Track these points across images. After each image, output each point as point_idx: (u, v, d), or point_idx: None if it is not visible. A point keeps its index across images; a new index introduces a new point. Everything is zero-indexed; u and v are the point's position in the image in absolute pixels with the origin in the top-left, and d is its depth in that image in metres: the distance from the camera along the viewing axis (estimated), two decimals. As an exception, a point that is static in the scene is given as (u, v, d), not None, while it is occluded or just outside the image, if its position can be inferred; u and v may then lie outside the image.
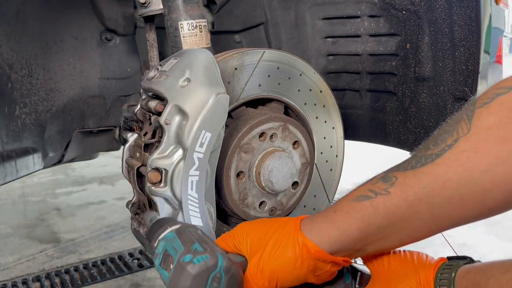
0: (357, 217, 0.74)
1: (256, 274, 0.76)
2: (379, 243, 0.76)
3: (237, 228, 0.83)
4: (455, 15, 1.36)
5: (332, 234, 0.75)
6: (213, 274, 0.67)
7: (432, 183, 0.70)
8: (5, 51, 1.35)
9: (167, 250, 0.72)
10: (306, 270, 0.76)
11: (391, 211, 0.72)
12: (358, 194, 0.77)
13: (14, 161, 1.37)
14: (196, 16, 1.20)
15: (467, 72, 1.38)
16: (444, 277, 0.72)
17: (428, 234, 0.75)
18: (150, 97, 1.03)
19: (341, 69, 1.68)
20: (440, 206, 0.70)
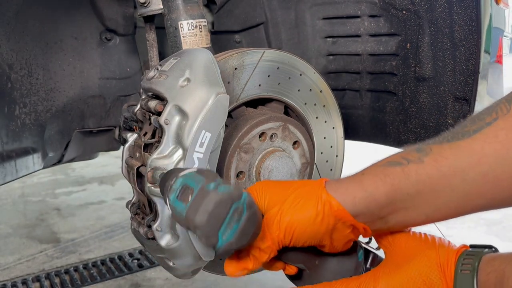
0: (386, 180, 0.71)
1: (272, 224, 0.72)
2: (403, 214, 0.73)
3: (255, 185, 0.79)
4: (455, 15, 1.36)
5: (358, 195, 0.72)
6: (236, 206, 0.64)
7: (468, 156, 0.68)
8: (5, 51, 1.35)
9: (186, 184, 0.67)
10: (326, 228, 0.72)
11: (422, 180, 0.70)
12: (390, 160, 0.74)
13: (14, 161, 1.37)
14: (196, 16, 1.20)
15: (468, 72, 1.38)
16: (467, 262, 0.69)
17: (456, 212, 0.72)
18: (150, 97, 1.03)
19: (341, 69, 1.68)
20: (473, 182, 0.68)
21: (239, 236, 0.65)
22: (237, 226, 0.64)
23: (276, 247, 0.72)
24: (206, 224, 0.63)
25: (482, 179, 0.68)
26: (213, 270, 1.16)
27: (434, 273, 0.70)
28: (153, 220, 0.99)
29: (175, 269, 1.04)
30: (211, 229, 0.63)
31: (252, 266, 0.72)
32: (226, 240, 0.64)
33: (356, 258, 0.81)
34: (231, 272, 0.73)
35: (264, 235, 0.71)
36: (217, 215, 0.63)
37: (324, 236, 0.73)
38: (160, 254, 1.03)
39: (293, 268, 0.81)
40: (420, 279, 0.70)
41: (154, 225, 0.98)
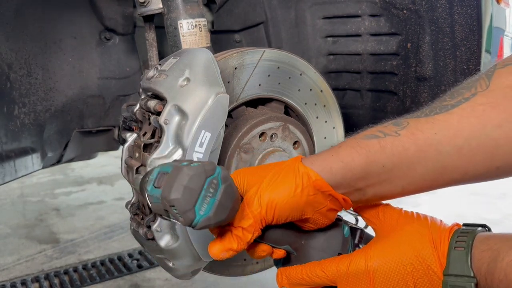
0: (362, 152, 0.72)
1: (253, 203, 0.71)
2: (380, 187, 0.74)
3: (234, 173, 0.80)
4: (456, 15, 1.36)
5: (335, 165, 0.72)
6: (211, 178, 0.63)
7: (444, 130, 0.69)
8: (4, 51, 1.35)
9: (162, 171, 0.66)
10: (306, 199, 0.72)
11: (398, 152, 0.70)
12: (367, 133, 0.75)
13: (13, 161, 1.36)
14: (195, 15, 1.20)
15: (468, 71, 1.37)
16: (460, 239, 0.69)
17: (431, 185, 0.73)
18: (150, 96, 1.02)
19: (342, 68, 1.67)
20: (448, 155, 0.69)
21: (216, 210, 0.64)
22: (213, 200, 0.63)
23: (259, 225, 0.72)
24: (182, 199, 0.62)
25: (457, 153, 0.68)
26: (212, 270, 1.16)
27: (427, 249, 0.70)
28: (152, 220, 0.99)
29: (174, 270, 1.04)
30: (187, 204, 0.62)
31: (237, 247, 0.71)
32: (203, 215, 0.63)
33: (341, 233, 0.81)
34: (216, 253, 0.72)
35: (246, 214, 0.71)
36: (191, 188, 0.62)
37: (306, 208, 0.73)
38: (159, 255, 1.02)
39: (281, 251, 0.80)
40: (412, 254, 0.70)
41: (154, 226, 0.97)
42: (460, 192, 3.69)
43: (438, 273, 0.68)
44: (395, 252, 0.72)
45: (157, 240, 0.98)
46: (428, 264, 0.69)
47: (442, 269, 0.68)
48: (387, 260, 0.71)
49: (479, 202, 3.53)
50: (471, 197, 3.61)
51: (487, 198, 3.60)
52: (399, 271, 0.70)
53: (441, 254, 0.69)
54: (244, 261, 1.21)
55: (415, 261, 0.70)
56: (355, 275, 0.73)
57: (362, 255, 0.74)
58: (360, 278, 0.72)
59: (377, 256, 0.72)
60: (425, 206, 3.45)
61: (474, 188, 3.80)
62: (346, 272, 0.73)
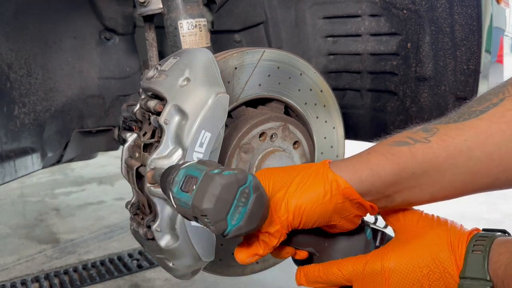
0: (393, 159, 0.71)
1: (280, 208, 0.71)
2: (409, 193, 0.73)
3: (257, 173, 0.79)
4: (456, 14, 1.36)
5: (364, 173, 0.72)
6: (242, 188, 0.63)
7: (474, 136, 0.69)
8: (4, 51, 1.35)
9: (189, 174, 0.66)
10: (334, 206, 0.72)
11: (429, 159, 0.70)
12: (396, 139, 0.74)
13: (13, 161, 1.36)
14: (195, 15, 1.20)
15: (468, 71, 1.37)
16: (478, 243, 0.68)
17: (461, 191, 0.73)
18: (150, 96, 1.02)
19: (342, 68, 1.67)
20: (479, 161, 0.69)
21: (248, 220, 0.64)
22: (245, 210, 0.63)
23: (286, 230, 0.71)
24: (214, 209, 0.61)
25: (488, 159, 0.68)
26: (212, 270, 1.15)
27: (444, 251, 0.70)
28: (152, 220, 0.99)
29: (174, 270, 1.04)
30: (220, 214, 0.62)
31: (263, 252, 0.71)
32: (235, 225, 0.63)
33: (364, 236, 0.81)
34: (242, 259, 0.72)
35: (272, 220, 0.70)
36: (224, 199, 0.62)
37: (333, 215, 0.73)
38: (159, 255, 1.02)
39: (303, 253, 0.80)
40: (429, 257, 0.70)
41: (154, 226, 0.97)
42: (460, 192, 3.68)
43: (455, 276, 0.68)
44: (412, 254, 0.72)
45: (157, 240, 0.98)
46: (445, 267, 0.69)
47: (458, 272, 0.68)
48: (404, 262, 0.71)
49: (479, 202, 3.53)
50: (471, 197, 3.60)
51: (487, 198, 3.60)
52: (415, 272, 0.70)
53: (458, 257, 0.69)
54: (244, 261, 1.21)
55: (431, 263, 0.70)
56: (371, 275, 0.73)
57: (379, 255, 0.74)
58: (375, 278, 0.72)
59: (394, 257, 0.72)
60: (426, 206, 3.45)
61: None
62: (362, 271, 0.73)
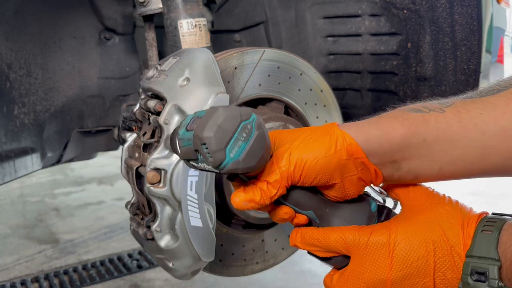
0: (404, 123, 0.70)
1: (282, 158, 0.69)
2: (417, 162, 0.71)
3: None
4: (456, 14, 1.36)
5: (372, 133, 0.70)
6: (245, 123, 0.62)
7: (490, 110, 0.68)
8: (4, 51, 1.35)
9: (196, 115, 0.65)
10: (337, 162, 0.69)
11: (441, 128, 0.69)
12: (411, 107, 0.73)
13: (12, 161, 1.36)
14: (195, 15, 1.20)
15: (469, 71, 1.37)
16: (489, 224, 0.67)
17: (471, 167, 0.71)
18: (149, 96, 1.02)
19: (342, 68, 1.67)
20: (493, 136, 0.67)
21: (246, 156, 0.63)
22: (245, 145, 0.63)
23: (285, 182, 0.69)
24: (214, 137, 0.61)
25: (503, 134, 0.67)
26: (212, 271, 1.15)
27: (453, 229, 0.68)
28: (152, 220, 0.99)
29: (174, 270, 1.04)
30: (219, 143, 0.61)
31: (260, 199, 0.69)
32: (233, 158, 0.62)
33: (369, 208, 0.79)
34: (238, 203, 0.70)
35: (273, 170, 0.69)
36: (225, 129, 0.61)
37: (335, 172, 0.71)
38: (159, 255, 1.02)
39: (303, 217, 0.78)
40: (438, 233, 0.68)
41: (154, 226, 0.97)
42: (460, 192, 3.69)
43: (461, 254, 0.67)
44: (421, 229, 0.69)
45: (157, 240, 0.98)
46: (452, 245, 0.67)
47: (465, 252, 0.67)
48: (411, 235, 0.69)
49: (479, 202, 3.53)
50: (471, 197, 3.61)
51: (487, 198, 3.60)
52: (421, 247, 0.68)
53: (467, 236, 0.67)
54: (244, 261, 1.21)
55: (439, 239, 0.68)
56: (375, 247, 0.70)
57: (386, 227, 0.71)
58: (379, 250, 0.70)
59: (402, 231, 0.70)
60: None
61: (474, 188, 3.80)
62: (366, 242, 0.71)
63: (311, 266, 2.50)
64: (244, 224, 1.20)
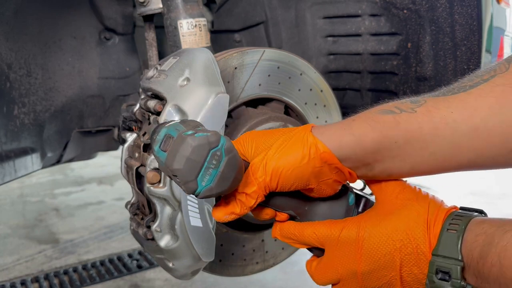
0: (376, 126, 0.71)
1: (258, 169, 0.71)
2: (389, 163, 0.73)
3: (242, 135, 0.79)
4: (456, 14, 1.36)
5: (345, 139, 0.72)
6: (214, 151, 0.64)
7: (460, 108, 0.68)
8: (4, 51, 1.35)
9: (168, 133, 0.67)
10: (312, 170, 0.72)
11: (413, 129, 0.70)
12: (382, 108, 0.74)
13: (12, 161, 1.36)
14: (195, 15, 1.20)
15: (469, 71, 1.37)
16: (454, 222, 0.68)
17: (442, 165, 0.72)
18: (149, 96, 1.02)
19: (342, 68, 1.67)
20: (463, 134, 0.68)
21: (218, 182, 0.65)
22: (216, 172, 0.64)
23: (263, 191, 0.72)
24: (183, 170, 0.63)
25: (474, 133, 0.68)
26: (212, 271, 1.15)
27: (419, 228, 0.70)
28: (152, 220, 0.99)
29: (174, 270, 1.04)
30: (189, 175, 0.63)
31: (240, 211, 0.72)
32: (205, 186, 0.64)
33: (346, 202, 0.81)
34: (219, 216, 0.72)
35: (250, 181, 0.71)
36: (194, 160, 0.63)
37: (310, 178, 0.73)
38: (159, 255, 1.02)
39: (283, 215, 0.80)
40: (404, 232, 0.70)
41: (154, 226, 0.97)
42: (460, 192, 3.69)
43: (426, 253, 0.69)
44: (388, 226, 0.72)
45: (156, 240, 0.98)
46: (418, 243, 0.69)
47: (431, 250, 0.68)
48: (378, 233, 0.72)
49: (479, 202, 3.53)
50: (471, 197, 3.61)
51: (487, 198, 3.60)
52: (388, 245, 0.71)
53: (433, 235, 0.69)
54: (244, 261, 1.21)
55: (405, 238, 0.70)
56: (345, 242, 0.73)
57: (356, 223, 0.74)
58: (349, 245, 0.73)
59: (370, 227, 0.73)
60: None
61: (474, 188, 3.80)
62: (337, 237, 0.74)
63: (311, 266, 2.50)
64: (244, 224, 1.20)
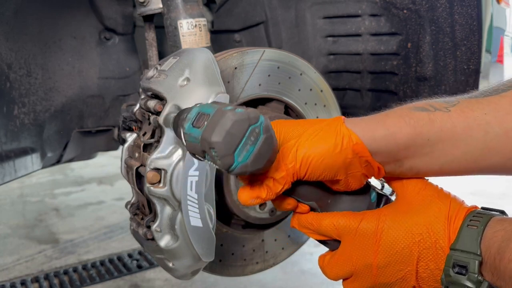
0: (410, 122, 0.71)
1: (288, 155, 0.70)
2: (419, 160, 0.73)
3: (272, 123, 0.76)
4: (456, 14, 1.36)
5: (378, 132, 0.72)
6: (253, 127, 0.63)
7: (494, 111, 0.69)
8: (4, 51, 1.35)
9: (201, 111, 0.66)
10: (343, 161, 0.71)
11: (446, 128, 0.70)
12: (417, 105, 0.74)
13: (12, 161, 1.36)
14: (195, 15, 1.20)
15: (469, 71, 1.37)
16: (475, 219, 0.68)
17: (471, 166, 0.72)
18: (149, 96, 1.02)
19: (342, 68, 1.67)
20: (496, 137, 0.69)
21: (254, 159, 0.64)
22: (253, 148, 0.63)
23: (291, 178, 0.71)
24: (222, 142, 0.62)
25: (505, 135, 0.68)
26: (212, 271, 1.15)
27: (439, 223, 0.70)
28: (152, 220, 0.99)
29: (174, 270, 1.04)
30: (227, 148, 0.62)
31: (266, 196, 0.71)
32: (241, 162, 0.63)
33: (368, 199, 0.81)
34: (245, 199, 0.72)
35: (279, 166, 0.70)
36: (234, 134, 0.62)
37: (340, 169, 0.72)
38: (159, 255, 1.02)
39: (305, 207, 0.80)
40: (424, 226, 0.70)
41: (154, 226, 0.97)
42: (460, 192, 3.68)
43: (445, 248, 0.68)
44: (408, 220, 0.71)
45: (156, 240, 0.98)
46: (437, 238, 0.69)
47: (449, 245, 0.68)
48: (398, 226, 0.71)
49: (479, 202, 3.51)
50: (471, 197, 3.61)
51: (487, 198, 3.60)
52: (407, 238, 0.70)
53: (453, 231, 0.69)
54: (244, 261, 1.21)
55: (425, 232, 0.70)
56: (364, 234, 0.73)
57: (376, 216, 0.74)
58: (367, 238, 0.72)
59: (390, 220, 0.72)
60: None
61: (474, 188, 3.80)
62: (355, 228, 0.73)
63: (311, 266, 2.50)
64: (244, 224, 1.20)
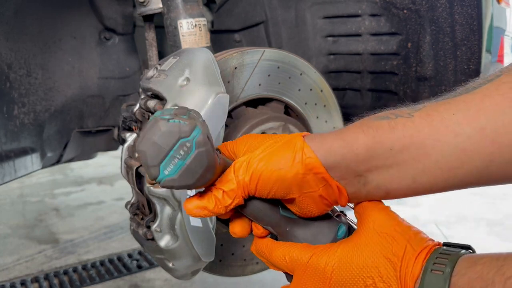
0: (369, 132, 0.64)
1: (240, 167, 0.67)
2: (385, 174, 0.65)
3: (241, 137, 0.75)
4: (456, 14, 1.36)
5: (335, 144, 0.65)
6: (183, 141, 0.60)
7: (463, 109, 0.61)
8: (4, 51, 1.35)
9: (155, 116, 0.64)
10: (293, 176, 0.65)
11: (409, 134, 0.62)
12: (378, 115, 0.67)
13: (12, 161, 1.36)
14: (195, 15, 1.20)
15: (469, 71, 1.37)
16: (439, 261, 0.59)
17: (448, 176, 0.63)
18: (149, 96, 1.02)
19: (342, 68, 1.67)
20: (468, 137, 0.60)
21: (183, 174, 0.61)
22: (182, 163, 0.61)
23: (241, 192, 0.66)
24: (147, 153, 0.60)
25: (479, 134, 0.60)
26: (212, 271, 1.15)
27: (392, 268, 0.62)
28: (152, 220, 0.99)
29: (174, 270, 1.04)
30: (152, 159, 0.61)
31: (213, 207, 0.66)
32: (168, 175, 0.61)
33: (334, 233, 0.73)
34: (190, 209, 0.67)
35: (230, 179, 0.66)
36: (159, 146, 0.60)
37: (292, 186, 0.66)
38: (159, 255, 1.02)
39: (260, 228, 0.74)
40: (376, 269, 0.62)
41: (153, 226, 0.97)
42: (460, 192, 3.68)
43: None
44: (359, 259, 0.64)
45: (156, 240, 0.98)
46: (390, 285, 0.61)
47: None
48: (349, 266, 0.64)
49: (479, 202, 3.53)
50: (471, 197, 3.61)
51: (487, 198, 3.60)
52: (358, 281, 0.63)
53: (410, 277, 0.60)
54: (244, 261, 1.21)
55: (377, 276, 0.62)
56: (313, 271, 0.67)
57: (326, 251, 0.67)
58: (317, 275, 0.66)
59: (341, 257, 0.65)
60: (425, 206, 3.45)
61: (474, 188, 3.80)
62: (305, 263, 0.67)
63: (311, 266, 2.50)
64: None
